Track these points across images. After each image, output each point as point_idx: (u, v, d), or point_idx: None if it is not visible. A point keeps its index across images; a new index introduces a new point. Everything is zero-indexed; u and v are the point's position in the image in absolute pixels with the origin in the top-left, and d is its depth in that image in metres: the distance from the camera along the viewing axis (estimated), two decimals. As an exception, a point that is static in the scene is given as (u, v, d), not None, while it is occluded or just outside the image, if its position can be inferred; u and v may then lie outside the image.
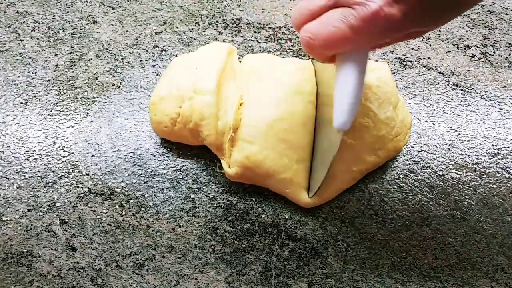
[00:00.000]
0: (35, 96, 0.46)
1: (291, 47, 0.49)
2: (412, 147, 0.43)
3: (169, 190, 0.42)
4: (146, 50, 0.49)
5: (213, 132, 0.39)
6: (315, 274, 0.38)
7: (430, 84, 0.47)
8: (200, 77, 0.40)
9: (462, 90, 0.46)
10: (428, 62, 0.48)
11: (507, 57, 0.48)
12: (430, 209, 0.40)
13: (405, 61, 0.48)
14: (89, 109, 0.46)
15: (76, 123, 0.45)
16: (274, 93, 0.40)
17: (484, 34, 0.50)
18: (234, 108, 0.40)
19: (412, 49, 0.49)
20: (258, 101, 0.40)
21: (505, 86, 0.47)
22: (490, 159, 0.43)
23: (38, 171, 0.43)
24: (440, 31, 0.50)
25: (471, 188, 0.41)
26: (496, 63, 0.48)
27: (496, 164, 0.43)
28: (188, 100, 0.39)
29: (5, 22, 0.51)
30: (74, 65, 0.48)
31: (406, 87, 0.46)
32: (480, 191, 0.41)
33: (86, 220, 0.40)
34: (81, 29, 0.50)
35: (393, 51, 0.48)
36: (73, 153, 0.43)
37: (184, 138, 0.42)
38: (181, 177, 0.42)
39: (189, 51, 0.49)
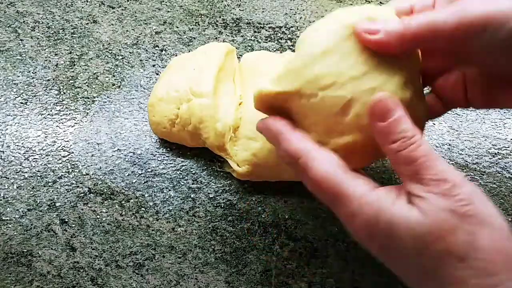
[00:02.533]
0: (35, 96, 0.46)
1: (291, 47, 0.49)
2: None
3: (169, 190, 0.42)
4: (146, 50, 0.49)
5: (212, 134, 0.39)
6: (315, 274, 0.38)
7: (430, 84, 0.47)
8: (198, 79, 0.40)
9: (462, 89, 0.46)
10: (428, 61, 0.48)
11: (507, 57, 0.48)
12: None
13: (405, 61, 0.48)
14: (89, 108, 0.46)
15: (76, 123, 0.45)
16: None
17: (484, 33, 0.50)
18: (233, 108, 0.40)
19: (412, 48, 0.49)
20: None
21: (505, 86, 0.47)
22: (490, 158, 0.43)
23: (38, 171, 0.43)
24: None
25: (471, 188, 0.41)
26: (497, 62, 0.48)
27: (497, 163, 0.42)
28: (186, 102, 0.39)
29: (5, 21, 0.51)
30: (74, 65, 0.48)
31: (406, 87, 0.46)
32: (480, 191, 0.41)
33: (86, 220, 0.40)
34: (81, 28, 0.50)
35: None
36: (73, 152, 0.43)
37: (183, 140, 0.42)
38: (181, 177, 0.42)
39: (189, 51, 0.48)
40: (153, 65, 0.48)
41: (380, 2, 0.52)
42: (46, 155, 0.43)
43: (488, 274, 0.23)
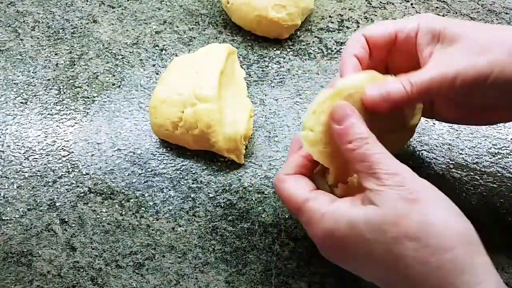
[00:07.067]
0: (35, 96, 0.46)
1: (291, 46, 0.49)
2: (413, 146, 0.43)
3: (169, 190, 0.41)
4: (146, 50, 0.49)
5: (221, 138, 0.39)
6: (316, 274, 0.38)
7: (430, 84, 0.46)
8: (201, 83, 0.40)
9: (462, 89, 0.46)
10: (428, 61, 0.48)
11: (507, 57, 0.48)
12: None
13: (405, 61, 0.48)
14: (89, 108, 0.46)
15: (76, 123, 0.45)
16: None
17: (484, 33, 0.50)
18: (245, 116, 0.41)
19: (412, 48, 0.48)
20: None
21: (505, 86, 0.46)
22: (490, 158, 0.43)
23: (38, 171, 0.43)
24: (440, 30, 0.50)
25: (471, 188, 0.41)
26: (497, 62, 0.48)
27: (497, 163, 0.42)
28: (191, 106, 0.40)
29: (5, 21, 0.51)
30: (74, 65, 0.48)
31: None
32: (480, 191, 0.41)
33: (86, 220, 0.40)
34: (81, 28, 0.50)
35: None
36: (73, 152, 0.43)
37: (185, 142, 0.42)
38: (181, 176, 0.42)
39: (189, 51, 0.48)
40: (153, 65, 0.48)
41: (381, 2, 0.52)
42: (46, 155, 0.43)
43: (445, 249, 0.25)
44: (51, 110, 0.46)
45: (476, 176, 0.42)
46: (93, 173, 0.42)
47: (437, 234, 0.25)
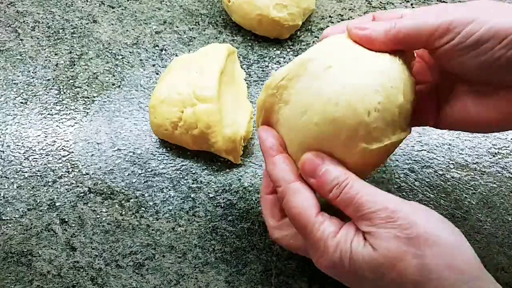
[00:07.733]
0: (35, 96, 0.46)
1: (291, 46, 0.49)
2: (413, 146, 0.43)
3: (169, 190, 0.41)
4: (146, 50, 0.49)
5: (220, 139, 0.39)
6: (316, 274, 0.38)
7: (431, 84, 0.46)
8: (201, 83, 0.40)
9: (462, 89, 0.46)
10: (428, 61, 0.48)
11: (507, 57, 0.48)
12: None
13: (405, 61, 0.48)
14: (89, 108, 0.46)
15: (76, 123, 0.45)
16: None
17: (484, 33, 0.50)
18: (245, 118, 0.42)
19: (413, 48, 0.48)
20: None
21: (505, 86, 0.46)
22: (490, 158, 0.43)
23: (38, 171, 0.43)
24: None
25: (472, 188, 0.41)
26: (497, 62, 0.48)
27: (497, 163, 0.42)
28: (191, 107, 0.40)
29: (5, 21, 0.51)
30: (74, 65, 0.48)
31: (406, 87, 0.46)
32: (480, 191, 0.41)
33: (86, 220, 0.40)
34: (81, 28, 0.50)
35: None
36: (73, 152, 0.43)
37: (184, 143, 0.42)
38: (181, 176, 0.42)
39: (189, 51, 0.49)
40: (153, 65, 0.48)
41: (381, 2, 0.52)
42: (46, 155, 0.43)
43: None
44: (51, 110, 0.46)
45: (476, 176, 0.42)
46: (93, 173, 0.42)
47: (437, 278, 0.24)
